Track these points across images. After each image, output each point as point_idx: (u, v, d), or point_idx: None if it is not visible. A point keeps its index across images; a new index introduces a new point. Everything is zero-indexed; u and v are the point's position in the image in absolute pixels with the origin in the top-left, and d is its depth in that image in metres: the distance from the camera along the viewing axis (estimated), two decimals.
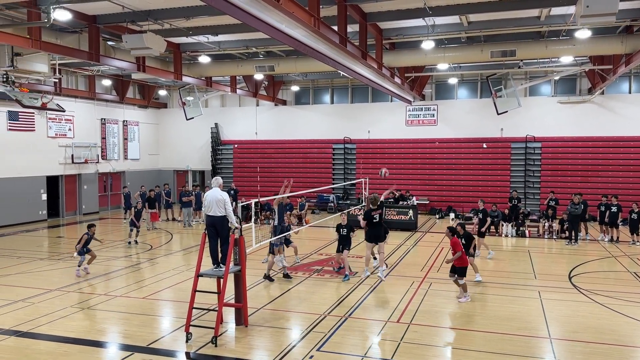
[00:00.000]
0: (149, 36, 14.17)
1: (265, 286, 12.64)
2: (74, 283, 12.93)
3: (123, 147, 29.60)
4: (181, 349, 8.66)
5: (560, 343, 8.87)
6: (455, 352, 8.72)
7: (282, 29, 10.89)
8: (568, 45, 18.15)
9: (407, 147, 27.50)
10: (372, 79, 18.31)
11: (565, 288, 12.42)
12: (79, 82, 26.54)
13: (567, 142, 25.35)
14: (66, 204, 26.14)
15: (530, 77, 25.53)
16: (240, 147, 30.55)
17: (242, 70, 22.55)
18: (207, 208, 9.68)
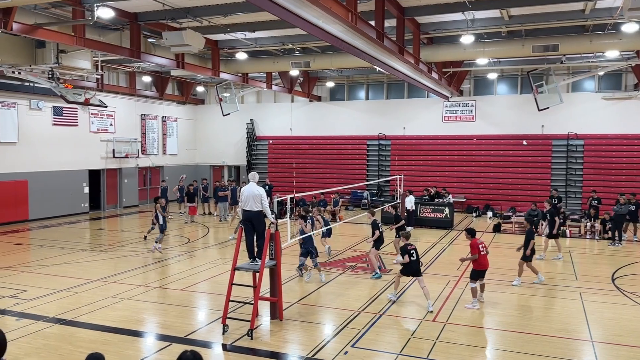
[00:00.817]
0: (188, 33, 14.37)
1: (300, 281, 12.70)
2: (115, 274, 13.29)
3: (162, 142, 30.21)
4: (218, 340, 8.80)
5: (602, 346, 8.60)
6: (493, 352, 8.56)
7: (319, 25, 10.87)
8: (614, 39, 17.50)
9: (443, 144, 27.11)
10: (408, 74, 18.08)
11: (608, 290, 12.03)
12: (120, 78, 27.20)
13: (611, 139, 24.50)
14: (107, 197, 26.87)
15: (573, 72, 24.75)
16: (275, 143, 30.75)
17: (278, 67, 22.66)
18: (244, 203, 9.78)
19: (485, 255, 10.83)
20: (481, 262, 10.74)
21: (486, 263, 10.85)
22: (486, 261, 10.85)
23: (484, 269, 10.85)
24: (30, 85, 21.69)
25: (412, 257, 10.70)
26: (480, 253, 10.71)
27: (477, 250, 10.71)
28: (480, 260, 10.72)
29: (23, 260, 15.05)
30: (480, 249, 10.73)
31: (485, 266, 10.85)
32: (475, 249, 10.72)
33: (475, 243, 10.78)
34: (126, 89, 27.17)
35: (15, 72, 17.37)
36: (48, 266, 14.17)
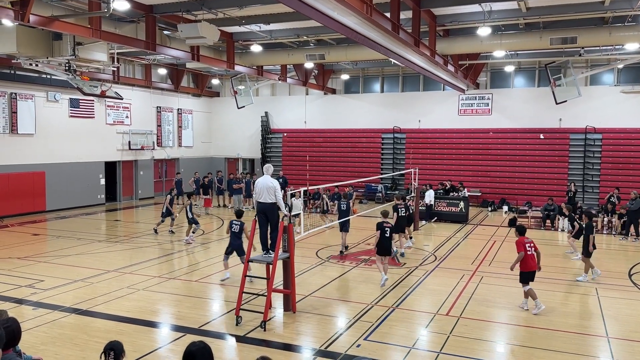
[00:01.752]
0: (203, 25, 14.39)
1: (313, 274, 12.72)
2: (130, 265, 13.43)
3: (177, 135, 30.38)
4: (231, 332, 8.85)
5: (618, 342, 8.49)
6: (506, 347, 8.50)
7: (334, 17, 10.80)
8: (634, 31, 17.16)
9: (459, 137, 26.87)
10: (424, 67, 17.92)
11: (625, 286, 11.86)
12: (136, 71, 27.36)
13: (630, 133, 24.07)
14: (123, 188, 27.14)
15: (592, 65, 24.32)
16: (289, 136, 30.75)
17: (293, 59, 22.61)
18: (257, 195, 9.81)
19: (533, 255, 9.95)
20: (527, 262, 9.90)
21: (533, 264, 9.93)
22: (534, 262, 9.94)
23: (532, 270, 9.95)
24: (47, 78, 21.93)
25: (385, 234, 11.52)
26: (527, 252, 9.87)
27: (523, 249, 9.87)
28: (526, 260, 9.88)
29: (40, 250, 15.28)
30: (527, 248, 9.89)
31: (532, 267, 9.93)
32: (521, 247, 9.89)
33: (522, 241, 9.96)
34: (142, 82, 27.33)
35: (32, 64, 17.54)
36: (64, 256, 14.36)
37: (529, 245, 9.99)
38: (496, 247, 16.13)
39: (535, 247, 10.13)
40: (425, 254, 15.15)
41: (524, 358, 7.86)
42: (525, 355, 7.96)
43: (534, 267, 9.99)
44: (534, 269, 9.99)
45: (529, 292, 9.92)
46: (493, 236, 17.92)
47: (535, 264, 9.99)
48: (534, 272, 10.02)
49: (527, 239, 10.09)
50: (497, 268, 13.31)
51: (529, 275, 9.99)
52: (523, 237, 10.11)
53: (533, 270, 9.99)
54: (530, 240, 10.14)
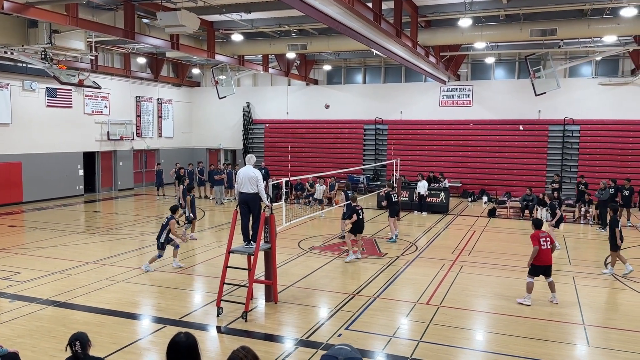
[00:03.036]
0: (183, 14, 14.19)
1: (295, 264, 12.73)
2: (110, 257, 13.28)
3: (157, 125, 30.03)
4: (212, 323, 8.82)
5: (594, 330, 8.67)
6: (485, 335, 8.63)
7: (316, 6, 10.74)
8: (612, 24, 17.39)
9: (440, 129, 27.04)
10: (406, 58, 17.97)
11: (601, 275, 12.10)
12: (115, 59, 26.92)
13: (607, 125, 24.48)
14: (102, 179, 26.78)
15: (571, 57, 24.63)
16: (271, 127, 30.61)
17: (275, 49, 22.45)
18: (239, 185, 9.75)
19: (548, 250, 9.79)
20: (540, 257, 9.72)
21: (547, 259, 9.76)
22: (547, 257, 9.77)
23: (543, 265, 9.76)
24: (23, 66, 21.44)
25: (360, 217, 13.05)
26: (541, 247, 9.71)
27: (537, 243, 9.71)
28: (539, 255, 9.71)
29: (17, 242, 15.02)
30: (541, 243, 9.71)
31: (545, 262, 9.75)
32: (536, 241, 9.74)
33: (537, 235, 9.80)
34: (121, 71, 26.90)
35: (7, 52, 17.15)
36: (42, 248, 14.14)
37: (543, 240, 9.79)
38: (476, 237, 16.32)
39: (552, 240, 9.98)
40: (406, 244, 15.26)
41: (503, 346, 7.99)
42: (503, 343, 8.08)
43: (546, 262, 9.76)
44: (546, 264, 9.78)
45: (529, 286, 9.82)
46: (473, 226, 18.13)
47: (547, 258, 9.78)
48: (545, 266, 9.80)
49: (542, 233, 9.92)
50: (477, 257, 13.48)
51: (539, 269, 9.81)
52: (539, 230, 9.96)
53: (544, 265, 9.78)
54: (546, 234, 9.95)
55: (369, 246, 14.87)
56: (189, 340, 3.68)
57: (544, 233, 9.94)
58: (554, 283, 9.94)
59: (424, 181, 21.11)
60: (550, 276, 9.86)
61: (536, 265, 9.79)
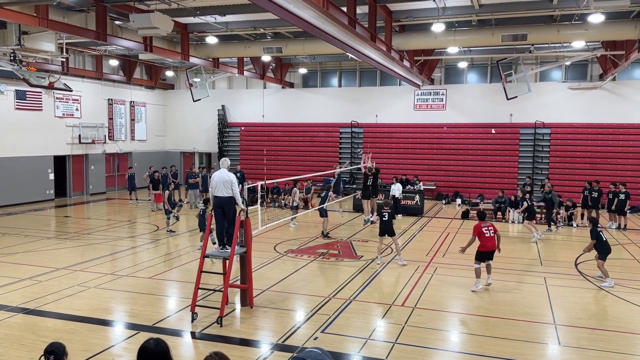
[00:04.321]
0: (157, 16, 14.04)
1: (271, 268, 12.69)
2: (81, 262, 13.02)
3: (130, 128, 29.60)
4: (187, 328, 8.73)
5: (564, 329, 8.86)
6: (459, 336, 8.74)
7: (291, 9, 10.75)
8: (580, 29, 17.84)
9: (414, 132, 27.31)
10: (380, 62, 18.11)
11: (571, 275, 12.38)
12: (86, 61, 26.46)
13: (576, 128, 25.08)
14: (73, 184, 26.25)
15: (541, 62, 25.18)
16: (247, 130, 30.47)
17: (250, 52, 22.38)
18: (214, 189, 9.68)
19: (491, 237, 10.96)
20: (484, 243, 10.95)
21: (491, 245, 10.98)
22: (490, 243, 10.97)
23: (486, 251, 11.00)
24: None
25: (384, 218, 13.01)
26: (485, 235, 10.92)
27: (476, 233, 10.98)
28: (483, 241, 10.94)
29: None
30: (484, 232, 10.92)
31: (489, 248, 10.98)
32: (475, 231, 11.03)
33: (478, 226, 11.01)
34: (92, 73, 26.47)
35: None
36: (11, 254, 13.77)
37: (486, 229, 10.96)
38: (450, 238, 16.52)
39: (495, 230, 11.10)
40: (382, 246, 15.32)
41: (477, 346, 8.10)
42: (477, 343, 8.20)
43: (490, 248, 10.95)
44: (488, 249, 10.97)
45: (477, 271, 10.94)
46: (447, 228, 18.35)
47: (491, 244, 10.96)
48: (488, 252, 11.00)
49: (484, 223, 11.09)
50: (451, 259, 13.65)
51: (483, 255, 11.00)
52: (482, 222, 11.14)
53: (487, 251, 10.99)
54: (489, 225, 11.10)
55: (345, 249, 14.92)
56: (160, 346, 3.62)
57: (486, 224, 11.12)
58: (491, 266, 11.16)
59: (399, 184, 21.27)
60: (491, 259, 11.15)
61: (481, 251, 11.01)
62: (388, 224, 13.04)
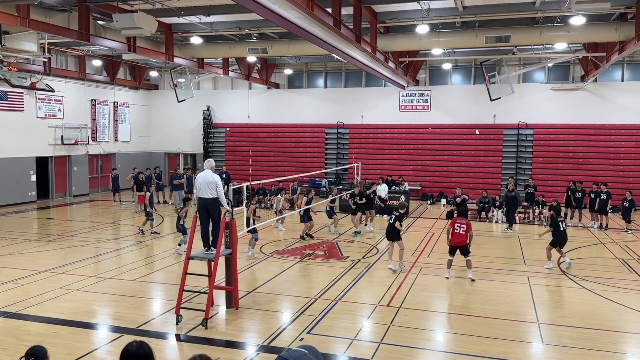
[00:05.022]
0: (140, 16, 13.93)
1: (257, 269, 12.65)
2: (64, 265, 12.87)
3: (113, 129, 29.32)
4: (171, 331, 8.67)
5: (548, 328, 8.97)
6: (444, 335, 8.80)
7: (276, 10, 10.75)
8: (562, 31, 18.09)
9: (400, 133, 27.45)
10: (366, 63, 18.18)
11: (554, 274, 12.53)
12: (69, 62, 26.15)
13: (559, 129, 25.41)
14: (56, 185, 25.93)
15: (524, 63, 25.46)
16: (232, 131, 30.36)
17: (235, 52, 22.30)
18: (198, 190, 9.62)
19: (460, 234, 11.77)
20: (454, 239, 11.85)
21: (460, 241, 11.80)
22: (459, 239, 11.80)
23: (454, 245, 11.88)
24: None
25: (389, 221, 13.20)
26: (454, 231, 11.82)
27: (450, 225, 12.00)
28: (453, 237, 11.84)
29: None
30: (455, 227, 11.83)
31: (458, 243, 11.82)
32: (450, 225, 12.01)
33: (453, 221, 12.00)
34: (75, 73, 26.17)
35: None
36: None
37: (458, 225, 11.85)
38: (435, 238, 16.62)
39: (468, 229, 11.85)
40: (367, 246, 15.40)
41: (461, 345, 8.16)
42: (462, 343, 8.26)
43: (457, 243, 11.88)
44: (456, 244, 11.90)
45: (448, 263, 11.96)
46: (432, 228, 18.46)
47: (460, 240, 11.85)
48: (458, 246, 11.89)
49: (460, 220, 11.96)
50: (436, 259, 13.73)
51: (454, 248, 11.95)
52: (456, 218, 12.10)
53: (457, 245, 11.89)
54: (464, 222, 11.88)
55: (331, 249, 14.94)
56: (143, 349, 3.57)
57: (462, 220, 11.93)
58: (470, 262, 11.90)
59: (384, 184, 21.34)
60: (467, 255, 11.89)
61: (450, 245, 11.98)
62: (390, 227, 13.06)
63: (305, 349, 3.69)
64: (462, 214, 12.29)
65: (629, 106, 24.31)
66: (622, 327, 9.14)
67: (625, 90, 24.56)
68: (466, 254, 11.88)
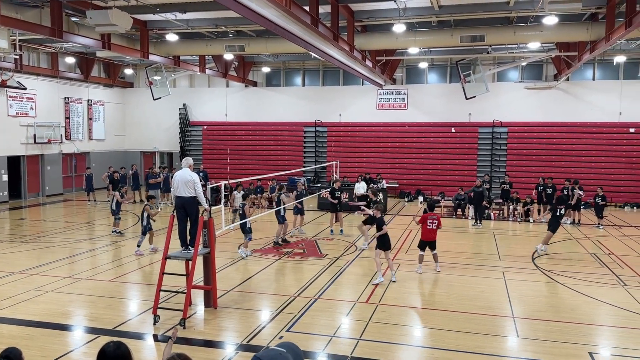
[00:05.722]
0: (115, 12, 13.74)
1: (235, 268, 12.60)
2: (37, 266, 12.62)
3: (88, 127, 28.83)
4: (149, 331, 8.58)
5: (522, 321, 9.15)
6: (421, 330, 8.90)
7: (253, 8, 10.70)
8: (536, 31, 18.42)
9: (377, 131, 27.60)
10: (343, 61, 18.22)
11: (528, 269, 12.78)
12: (41, 59, 25.62)
13: (532, 127, 25.88)
14: (28, 185, 25.37)
15: (498, 62, 25.85)
16: (209, 129, 30.13)
17: (211, 50, 22.13)
18: (175, 189, 9.53)
19: (433, 230, 12.16)
20: (426, 234, 12.22)
21: (431, 236, 12.20)
22: (431, 235, 12.19)
23: (427, 240, 12.22)
24: None
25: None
26: (427, 226, 12.16)
27: (421, 221, 12.25)
28: (425, 232, 12.21)
29: None
30: (427, 223, 12.14)
31: (429, 238, 12.20)
32: (421, 219, 12.28)
33: (425, 216, 12.22)
34: (48, 71, 25.65)
35: None
36: None
37: (430, 221, 12.16)
38: (412, 235, 16.77)
39: (439, 225, 12.27)
40: (346, 244, 15.47)
41: (438, 340, 8.27)
42: (439, 338, 8.37)
43: (430, 238, 12.22)
44: (429, 240, 12.23)
45: (420, 257, 12.24)
46: (409, 225, 18.62)
47: (431, 236, 12.23)
48: (429, 242, 12.24)
49: (432, 215, 12.22)
50: (413, 256, 13.83)
51: (425, 243, 12.26)
52: (429, 212, 12.31)
53: (428, 241, 12.23)
54: (436, 218, 12.22)
55: (310, 247, 14.96)
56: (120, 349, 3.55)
57: (432, 216, 12.20)
58: (437, 255, 12.39)
59: (363, 182, 21.44)
60: (435, 249, 12.34)
61: (423, 240, 12.28)
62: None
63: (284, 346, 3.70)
64: (432, 208, 12.56)
65: (600, 104, 24.90)
66: (594, 319, 9.37)
67: (596, 89, 25.14)
68: (434, 248, 12.34)
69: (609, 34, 15.50)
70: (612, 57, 23.98)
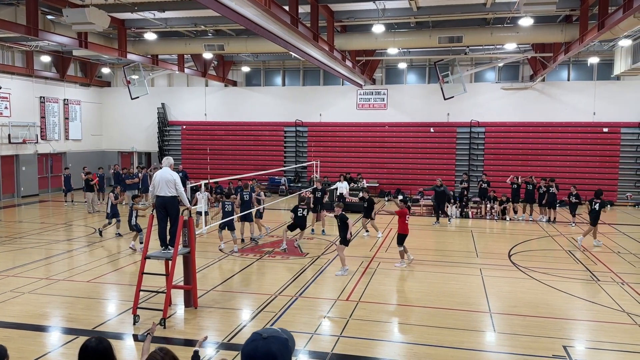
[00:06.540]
0: (92, 11, 13.57)
1: (216, 268, 12.57)
2: (13, 267, 12.41)
3: (64, 127, 28.39)
4: (129, 331, 8.53)
5: (499, 317, 9.33)
6: (401, 327, 9.01)
7: (232, 7, 10.70)
8: (512, 32, 18.74)
9: (357, 131, 27.75)
10: (323, 61, 18.30)
11: (505, 266, 13.01)
12: (16, 58, 25.15)
13: (509, 127, 26.30)
14: (3, 186, 24.90)
15: (476, 63, 26.21)
16: (188, 129, 29.93)
17: (190, 49, 21.98)
18: (156, 188, 9.47)
19: (407, 224, 12.80)
20: (403, 228, 12.79)
21: (407, 230, 12.86)
22: (407, 230, 12.85)
23: (403, 234, 12.77)
24: None
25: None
26: (405, 222, 12.74)
27: (400, 214, 12.80)
28: (404, 228, 12.77)
29: None
30: (405, 219, 12.75)
31: (405, 231, 12.80)
32: (400, 213, 12.82)
33: (405, 211, 12.85)
34: (23, 70, 25.20)
35: None
36: None
37: (408, 216, 12.90)
38: (392, 234, 16.91)
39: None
40: (327, 243, 15.54)
41: (418, 336, 8.39)
42: (418, 333, 8.49)
43: (407, 232, 12.83)
44: (404, 233, 12.76)
45: (400, 254, 12.73)
46: (389, 224, 18.78)
47: (408, 231, 12.85)
48: (404, 235, 12.75)
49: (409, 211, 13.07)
50: (393, 254, 13.98)
51: (404, 237, 12.73)
52: (405, 209, 12.94)
53: (404, 234, 12.76)
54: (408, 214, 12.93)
55: (291, 247, 14.98)
56: (102, 344, 3.54)
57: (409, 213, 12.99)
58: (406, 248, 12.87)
59: (345, 182, 21.53)
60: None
61: (401, 234, 12.77)
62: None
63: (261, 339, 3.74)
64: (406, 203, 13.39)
65: (575, 104, 25.42)
66: (569, 314, 9.59)
67: (571, 89, 25.66)
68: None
69: (582, 36, 15.86)
70: (586, 58, 24.51)
